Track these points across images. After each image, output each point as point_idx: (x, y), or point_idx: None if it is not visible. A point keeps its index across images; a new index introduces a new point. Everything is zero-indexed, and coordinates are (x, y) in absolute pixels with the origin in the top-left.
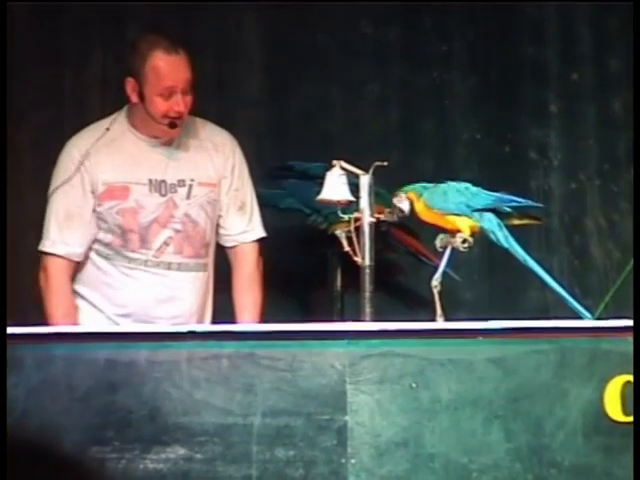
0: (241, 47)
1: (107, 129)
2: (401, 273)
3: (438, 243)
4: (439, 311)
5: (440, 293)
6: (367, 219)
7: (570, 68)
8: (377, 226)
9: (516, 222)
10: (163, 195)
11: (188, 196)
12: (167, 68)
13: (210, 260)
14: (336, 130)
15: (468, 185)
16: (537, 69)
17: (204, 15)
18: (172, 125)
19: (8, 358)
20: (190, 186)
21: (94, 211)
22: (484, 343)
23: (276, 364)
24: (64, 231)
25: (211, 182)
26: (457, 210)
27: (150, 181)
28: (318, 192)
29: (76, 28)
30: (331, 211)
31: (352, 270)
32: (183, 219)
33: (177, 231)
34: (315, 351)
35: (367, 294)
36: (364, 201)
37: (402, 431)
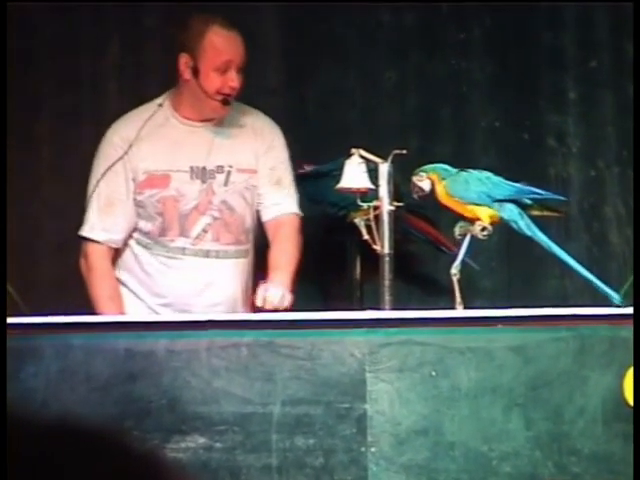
0: (258, 35)
1: (160, 104)
2: (420, 261)
3: (457, 231)
4: (458, 299)
5: (459, 281)
6: (386, 207)
7: (588, 55)
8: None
9: (536, 213)
10: (204, 182)
11: (226, 183)
12: (224, 42)
13: (251, 246)
14: (354, 118)
15: (490, 174)
16: (555, 56)
17: (221, 3)
18: (225, 102)
19: (27, 348)
20: (228, 172)
21: (134, 199)
22: (503, 331)
23: (295, 353)
24: (104, 217)
25: (250, 168)
26: (478, 200)
27: (191, 168)
28: (335, 185)
29: (92, 16)
30: (350, 200)
31: (371, 258)
32: (220, 206)
33: (215, 218)
34: (334, 339)
35: (386, 282)
36: (383, 189)
37: (422, 419)
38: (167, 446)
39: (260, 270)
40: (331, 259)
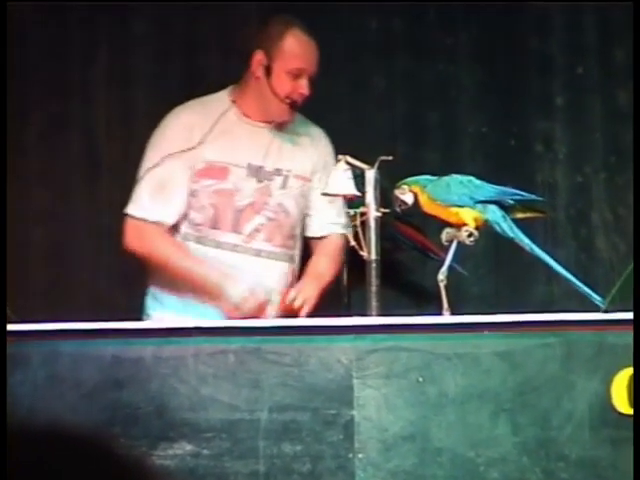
0: (245, 42)
1: (233, 101)
2: (407, 268)
3: (444, 237)
4: (445, 305)
5: (446, 287)
6: (373, 213)
7: (576, 61)
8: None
9: (520, 215)
10: (260, 181)
11: (283, 186)
12: (302, 47)
13: (296, 253)
14: (341, 124)
15: (471, 178)
16: (542, 62)
17: (209, 12)
18: (292, 106)
19: (14, 355)
20: (286, 177)
21: (189, 187)
22: (490, 337)
23: (282, 359)
24: (156, 200)
25: (305, 176)
26: (460, 201)
27: (249, 165)
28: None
29: (81, 23)
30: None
31: (358, 265)
32: (276, 208)
33: (269, 219)
34: (321, 346)
35: (373, 288)
36: (370, 195)
37: (409, 425)
38: (154, 453)
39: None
40: None
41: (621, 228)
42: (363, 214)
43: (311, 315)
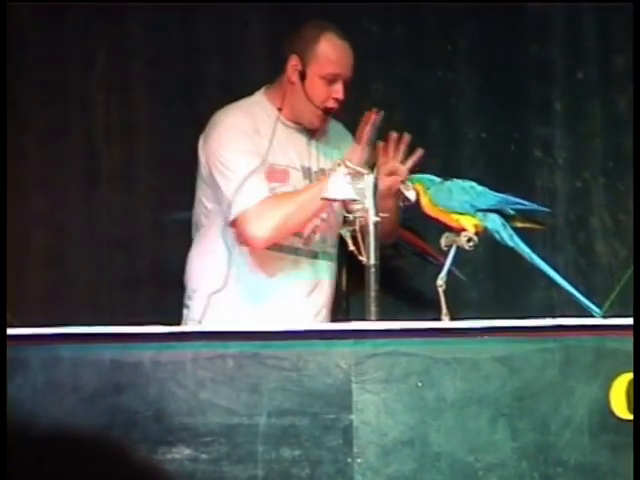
0: (244, 47)
1: (279, 109)
2: (406, 273)
3: (443, 242)
4: (444, 310)
5: (445, 292)
6: (372, 218)
7: (575, 66)
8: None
9: (519, 225)
10: (310, 182)
11: None
12: (338, 53)
13: (337, 251)
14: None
15: (474, 184)
16: (542, 67)
17: (207, 15)
18: (326, 112)
19: (14, 360)
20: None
21: None
22: (489, 342)
23: (281, 364)
24: (259, 189)
25: None
26: (461, 209)
27: (302, 167)
28: None
29: (80, 28)
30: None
31: (357, 270)
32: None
33: (322, 220)
34: (320, 350)
35: (372, 293)
36: (369, 200)
37: (408, 430)
38: (153, 457)
39: None
40: None
41: (620, 233)
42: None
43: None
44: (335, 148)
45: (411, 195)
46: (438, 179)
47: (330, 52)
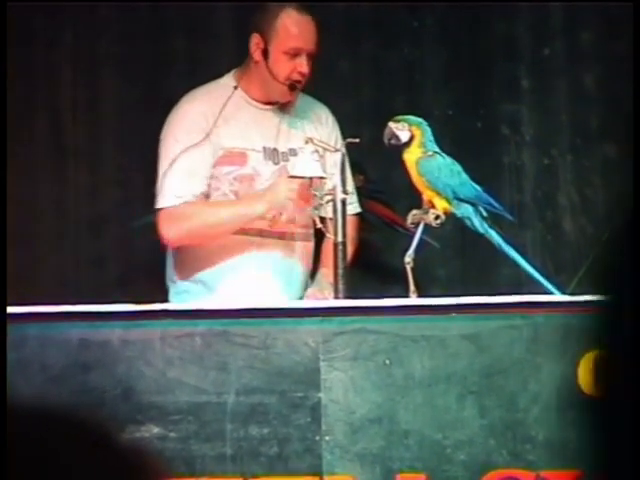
0: (212, 26)
1: (235, 87)
2: (375, 246)
3: (410, 219)
4: (412, 287)
5: (413, 269)
6: (339, 196)
7: (542, 43)
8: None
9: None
10: (276, 163)
11: None
12: (299, 27)
13: (312, 231)
14: None
15: (461, 170)
16: (508, 44)
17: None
18: (292, 87)
19: None
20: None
21: (210, 176)
22: (457, 319)
23: (249, 342)
24: (187, 187)
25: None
26: (443, 191)
27: (264, 149)
28: None
29: (47, 5)
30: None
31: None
32: None
33: (289, 200)
34: (288, 328)
35: (340, 271)
36: (336, 178)
37: (376, 408)
38: (122, 436)
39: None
40: None
41: (588, 211)
42: (329, 196)
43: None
44: (305, 120)
45: (404, 136)
46: (432, 139)
47: (291, 27)
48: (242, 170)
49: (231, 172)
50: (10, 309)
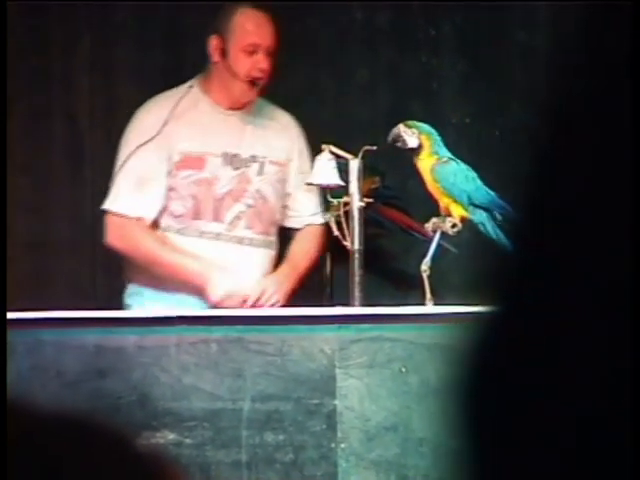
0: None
1: (190, 86)
2: (390, 257)
3: (430, 227)
4: (428, 295)
5: (429, 277)
6: (356, 203)
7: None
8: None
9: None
10: (236, 168)
11: (260, 172)
12: (254, 23)
13: (276, 239)
14: (325, 115)
15: (476, 176)
16: (527, 53)
17: (192, 0)
18: (252, 84)
19: None
20: (262, 163)
21: (167, 180)
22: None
23: (265, 349)
24: (136, 195)
25: (280, 162)
26: (458, 197)
27: (224, 154)
28: None
29: (63, 13)
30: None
31: (341, 254)
32: (255, 195)
33: (249, 206)
34: (304, 335)
35: (356, 278)
36: (353, 185)
37: (391, 415)
38: (137, 442)
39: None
40: None
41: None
42: (346, 204)
43: (294, 305)
44: (269, 128)
45: (412, 142)
46: (444, 146)
47: (246, 23)
48: (200, 174)
49: (189, 176)
50: (25, 315)
